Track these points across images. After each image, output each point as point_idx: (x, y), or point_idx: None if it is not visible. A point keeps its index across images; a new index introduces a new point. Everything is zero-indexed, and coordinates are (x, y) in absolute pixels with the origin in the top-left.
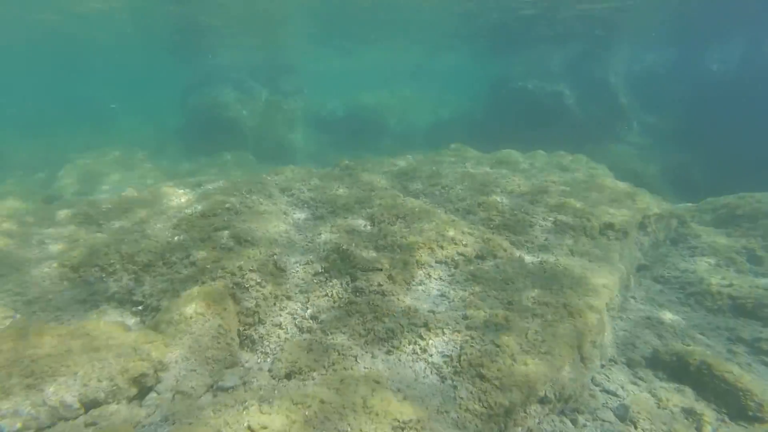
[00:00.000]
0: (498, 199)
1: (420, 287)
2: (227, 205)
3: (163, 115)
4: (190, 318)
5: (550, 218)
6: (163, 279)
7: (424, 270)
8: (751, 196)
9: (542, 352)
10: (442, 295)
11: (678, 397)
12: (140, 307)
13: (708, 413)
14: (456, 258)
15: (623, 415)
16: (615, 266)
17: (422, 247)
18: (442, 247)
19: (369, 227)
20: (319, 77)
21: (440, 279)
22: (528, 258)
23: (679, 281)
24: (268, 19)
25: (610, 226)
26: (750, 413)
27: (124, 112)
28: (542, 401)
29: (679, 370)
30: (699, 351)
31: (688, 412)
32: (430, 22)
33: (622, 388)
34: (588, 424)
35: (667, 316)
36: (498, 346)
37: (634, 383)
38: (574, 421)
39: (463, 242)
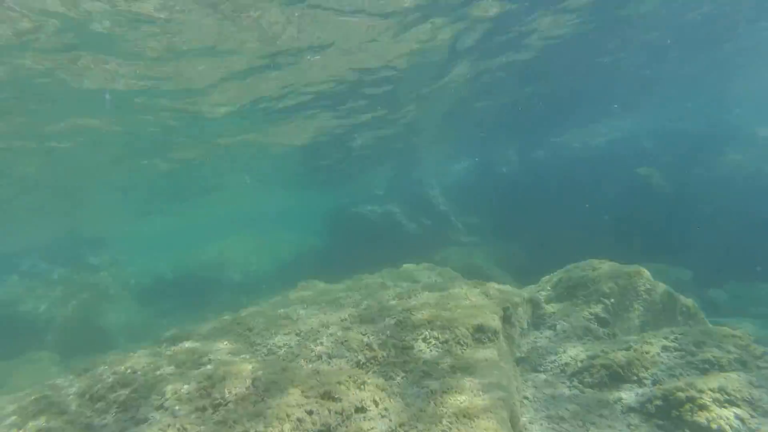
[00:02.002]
0: (360, 331)
1: None
2: None
3: None
4: None
5: (420, 337)
6: None
7: None
8: (576, 266)
9: None
10: None
11: None
12: None
13: None
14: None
15: None
16: (502, 371)
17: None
18: (300, 421)
19: (211, 413)
20: (138, 241)
21: None
22: (410, 391)
23: (556, 365)
24: (67, 194)
25: (480, 329)
26: None
27: None
28: None
29: None
30: None
31: None
32: (257, 168)
33: None
34: None
35: (564, 407)
36: None
37: None
38: None
39: (336, 394)
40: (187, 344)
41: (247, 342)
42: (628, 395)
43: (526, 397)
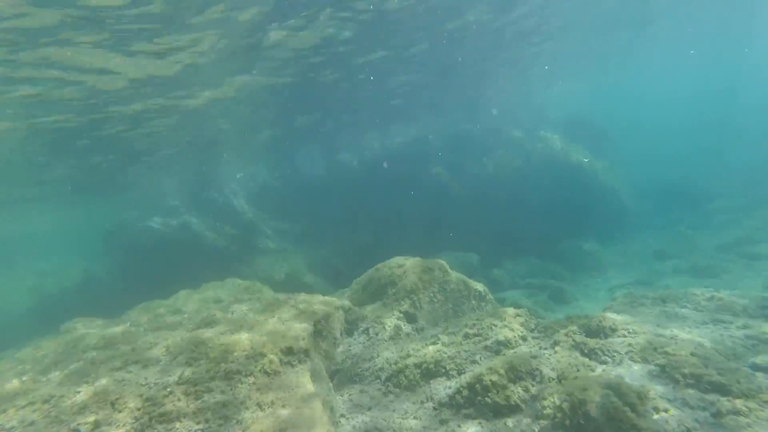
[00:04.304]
0: (139, 381)
1: None
2: None
3: None
4: None
5: (219, 374)
6: None
7: None
8: (383, 266)
9: None
10: None
11: None
12: None
13: None
14: None
15: None
16: (314, 400)
17: None
18: None
19: None
20: None
21: None
22: None
23: (371, 371)
24: None
25: (289, 351)
26: None
27: None
28: None
29: None
30: None
31: None
32: None
33: None
34: None
35: (380, 417)
36: None
37: None
38: None
39: None
40: None
41: None
42: (437, 390)
43: (342, 415)
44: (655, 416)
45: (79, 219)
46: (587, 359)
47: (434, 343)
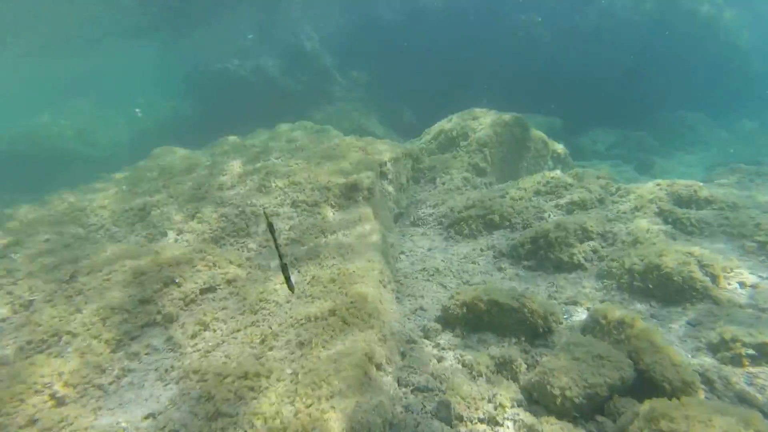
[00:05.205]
0: (209, 209)
1: None
2: None
3: None
4: None
5: (288, 201)
6: None
7: None
8: (458, 116)
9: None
10: None
11: (485, 356)
12: None
13: (516, 355)
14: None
15: (447, 416)
16: (375, 235)
17: None
18: None
19: None
20: None
21: None
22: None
23: (434, 217)
24: None
25: (354, 187)
26: (540, 330)
27: None
28: None
29: (473, 319)
30: (481, 291)
31: (501, 365)
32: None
33: (433, 376)
34: None
35: (438, 259)
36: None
37: (440, 359)
38: None
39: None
40: None
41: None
42: (500, 241)
43: (402, 252)
44: (740, 290)
45: (163, 58)
46: (671, 227)
47: (502, 197)
